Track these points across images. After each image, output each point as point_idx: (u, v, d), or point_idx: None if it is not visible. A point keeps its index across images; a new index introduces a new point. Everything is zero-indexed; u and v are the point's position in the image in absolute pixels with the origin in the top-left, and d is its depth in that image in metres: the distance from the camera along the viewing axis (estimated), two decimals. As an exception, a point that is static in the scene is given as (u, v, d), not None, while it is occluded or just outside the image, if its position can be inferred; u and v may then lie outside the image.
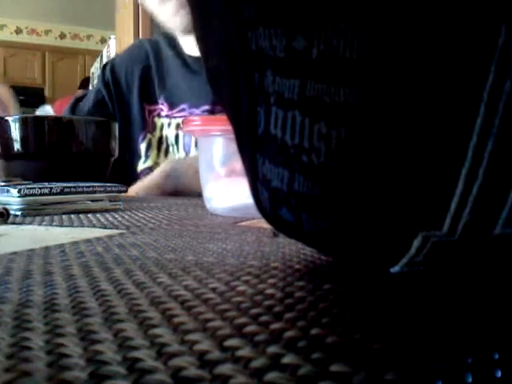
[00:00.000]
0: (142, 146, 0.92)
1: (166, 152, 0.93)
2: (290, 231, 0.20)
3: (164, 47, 0.95)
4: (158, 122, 0.93)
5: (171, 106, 0.91)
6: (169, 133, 0.92)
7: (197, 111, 0.88)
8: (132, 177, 0.92)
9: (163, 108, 0.92)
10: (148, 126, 0.93)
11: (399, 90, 0.14)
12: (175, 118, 0.91)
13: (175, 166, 0.78)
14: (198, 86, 0.86)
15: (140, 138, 0.93)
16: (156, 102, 0.93)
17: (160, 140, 0.93)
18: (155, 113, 0.93)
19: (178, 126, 0.90)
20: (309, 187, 0.17)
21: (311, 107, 0.15)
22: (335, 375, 0.11)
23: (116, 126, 0.73)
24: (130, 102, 0.94)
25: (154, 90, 0.93)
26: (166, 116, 0.91)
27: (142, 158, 0.93)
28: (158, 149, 0.93)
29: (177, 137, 0.91)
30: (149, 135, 0.92)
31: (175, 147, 0.91)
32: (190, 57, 0.91)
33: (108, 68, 0.98)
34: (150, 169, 0.91)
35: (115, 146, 0.72)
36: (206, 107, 0.86)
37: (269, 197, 0.19)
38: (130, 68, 0.95)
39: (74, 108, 0.98)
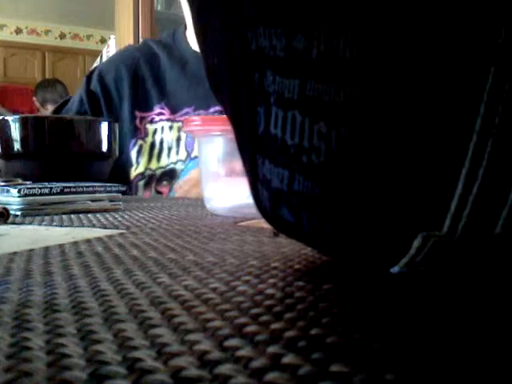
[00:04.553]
0: (133, 153, 0.92)
1: (158, 157, 0.92)
2: (290, 231, 0.20)
3: (159, 53, 0.94)
4: (151, 128, 0.92)
5: (173, 111, 0.90)
6: (168, 136, 0.91)
7: (204, 113, 0.88)
8: (126, 184, 0.90)
9: (164, 112, 0.91)
10: (140, 132, 0.92)
11: (399, 90, 0.14)
12: (177, 121, 0.90)
13: None
14: (202, 90, 0.86)
15: (131, 145, 0.92)
16: (150, 110, 0.92)
17: (152, 145, 0.92)
18: (147, 119, 0.92)
19: (179, 129, 0.90)
20: (309, 187, 0.17)
21: (311, 107, 0.15)
22: (335, 375, 0.11)
23: (116, 126, 0.73)
24: (120, 109, 0.93)
25: (148, 98, 0.92)
26: (168, 120, 0.91)
27: (134, 165, 0.92)
28: (150, 154, 0.92)
29: (178, 138, 0.91)
30: (140, 141, 0.91)
31: (175, 149, 0.90)
32: (195, 53, 0.90)
33: (95, 77, 0.94)
34: (142, 174, 0.90)
35: (115, 145, 0.72)
36: (216, 108, 0.86)
37: (269, 197, 0.19)
38: (119, 75, 0.93)
39: (57, 113, 0.97)
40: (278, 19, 0.15)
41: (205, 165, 0.48)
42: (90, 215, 0.45)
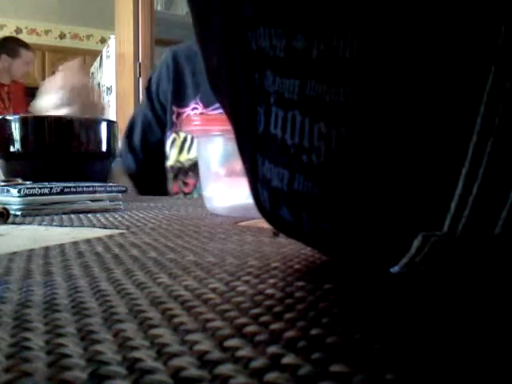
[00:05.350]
0: (167, 145, 0.96)
1: (189, 149, 0.95)
2: (290, 231, 0.20)
3: (196, 50, 0.96)
4: None
5: (206, 105, 0.93)
6: None
7: None
8: (162, 177, 0.94)
9: (198, 107, 0.94)
10: (175, 126, 0.95)
11: (399, 90, 0.14)
12: (209, 115, 0.94)
13: None
14: None
15: (167, 138, 0.95)
16: (186, 106, 0.96)
17: (185, 139, 0.95)
18: (183, 115, 0.95)
19: None
20: (309, 187, 0.17)
21: (311, 107, 0.15)
22: (335, 375, 0.11)
23: (116, 126, 0.73)
24: (167, 105, 0.98)
25: (185, 94, 0.96)
26: (201, 114, 0.93)
27: (167, 157, 0.95)
28: (181, 147, 0.95)
29: None
30: (174, 134, 0.95)
31: None
32: None
33: (151, 87, 1.01)
34: (171, 168, 0.93)
35: (115, 146, 0.72)
36: None
37: (269, 197, 0.19)
38: (164, 82, 0.98)
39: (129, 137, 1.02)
40: (278, 19, 0.15)
41: (205, 165, 0.48)
42: (90, 215, 0.45)
